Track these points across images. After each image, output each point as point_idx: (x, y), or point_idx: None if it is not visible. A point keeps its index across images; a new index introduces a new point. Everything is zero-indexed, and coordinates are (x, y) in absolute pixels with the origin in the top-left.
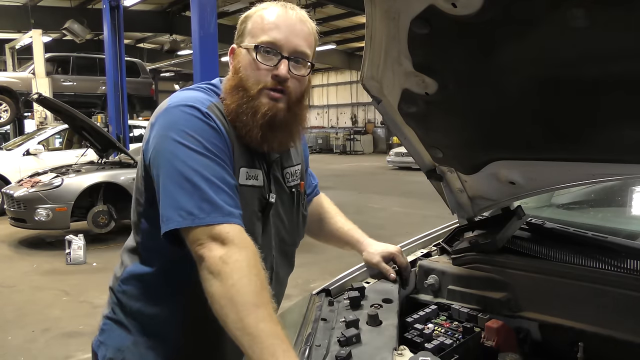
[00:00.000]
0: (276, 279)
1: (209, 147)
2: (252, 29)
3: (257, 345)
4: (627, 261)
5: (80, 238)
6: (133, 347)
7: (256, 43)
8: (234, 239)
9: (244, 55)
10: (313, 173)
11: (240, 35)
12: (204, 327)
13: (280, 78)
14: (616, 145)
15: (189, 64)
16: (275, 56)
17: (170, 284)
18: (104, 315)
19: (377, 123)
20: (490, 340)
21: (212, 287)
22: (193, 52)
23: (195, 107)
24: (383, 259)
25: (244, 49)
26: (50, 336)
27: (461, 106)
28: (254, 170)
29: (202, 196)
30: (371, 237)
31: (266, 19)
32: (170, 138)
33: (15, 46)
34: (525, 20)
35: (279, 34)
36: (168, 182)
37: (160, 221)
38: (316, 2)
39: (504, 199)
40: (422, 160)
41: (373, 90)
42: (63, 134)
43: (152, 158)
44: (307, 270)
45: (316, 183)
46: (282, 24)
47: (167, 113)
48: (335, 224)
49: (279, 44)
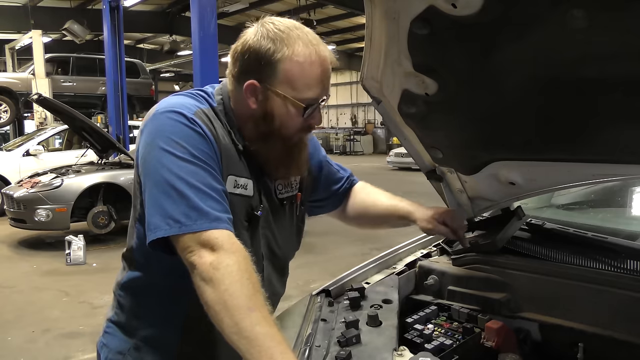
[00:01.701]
0: (269, 288)
1: (195, 154)
2: (292, 81)
3: (254, 348)
4: (627, 262)
5: (80, 239)
6: (134, 351)
7: (299, 99)
8: (223, 244)
9: (279, 105)
10: (342, 165)
11: (261, 73)
12: (202, 331)
13: (317, 126)
14: (616, 146)
15: (189, 64)
16: (313, 108)
17: (167, 288)
18: (107, 318)
19: (377, 124)
20: (490, 341)
21: (205, 293)
22: (193, 53)
23: (181, 113)
24: (436, 222)
25: (279, 98)
26: (50, 337)
27: (461, 107)
28: (244, 180)
29: (188, 203)
30: (372, 238)
31: (308, 72)
32: (156, 145)
33: (15, 47)
34: (525, 21)
35: (322, 90)
36: (154, 190)
37: (147, 229)
38: (316, 3)
39: (504, 199)
40: (422, 160)
41: (373, 91)
42: (63, 134)
43: (140, 165)
44: (307, 270)
45: (346, 175)
46: (323, 77)
47: (154, 119)
48: (380, 207)
49: (321, 97)
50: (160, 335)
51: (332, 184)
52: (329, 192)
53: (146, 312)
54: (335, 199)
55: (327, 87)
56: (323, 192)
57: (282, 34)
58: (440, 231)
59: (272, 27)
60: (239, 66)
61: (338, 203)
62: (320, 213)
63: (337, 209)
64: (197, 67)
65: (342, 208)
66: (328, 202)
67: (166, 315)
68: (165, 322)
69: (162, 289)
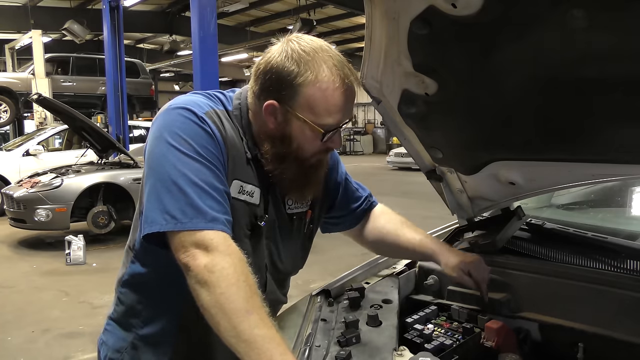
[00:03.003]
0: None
1: (200, 152)
2: (313, 106)
3: (253, 351)
4: (627, 262)
5: (80, 238)
6: (131, 349)
7: (320, 124)
8: (218, 245)
9: (298, 127)
10: (361, 184)
11: (282, 94)
12: (199, 331)
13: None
14: (616, 146)
15: (188, 64)
16: (333, 134)
17: (165, 285)
18: (107, 315)
19: (377, 123)
20: (490, 341)
21: (201, 297)
22: (193, 53)
23: (192, 110)
24: (461, 271)
25: (299, 121)
26: (50, 336)
27: (461, 106)
28: (251, 187)
29: (186, 200)
30: None
31: (330, 99)
32: (163, 139)
33: (15, 46)
34: (525, 21)
35: (343, 115)
36: (156, 183)
37: (144, 221)
38: (316, 3)
39: (504, 199)
40: (422, 160)
41: (373, 91)
42: (63, 134)
43: (146, 158)
44: (307, 270)
45: (366, 195)
46: (346, 105)
47: (165, 114)
48: (402, 238)
49: (342, 122)
50: (157, 333)
51: (350, 203)
52: (346, 210)
53: (144, 309)
54: (352, 218)
55: (350, 111)
56: (340, 209)
57: (307, 57)
58: (465, 282)
59: (298, 48)
60: (260, 84)
61: (355, 222)
62: (336, 231)
63: (353, 229)
64: (197, 67)
65: (360, 229)
66: (344, 220)
67: (163, 313)
68: (162, 320)
69: (161, 286)
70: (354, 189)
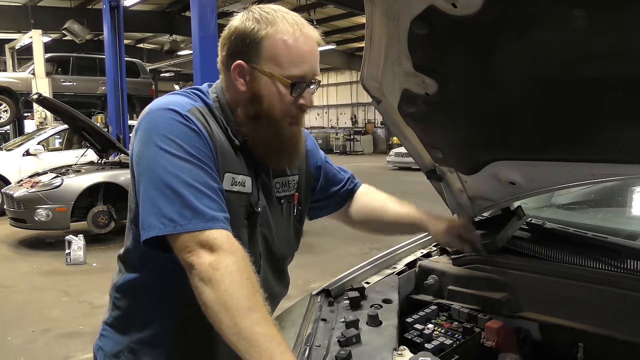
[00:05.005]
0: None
1: (190, 152)
2: (277, 57)
3: (254, 349)
4: (627, 261)
5: (80, 238)
6: (129, 353)
7: (286, 76)
8: (222, 244)
9: (266, 84)
10: (343, 167)
11: (247, 52)
12: (197, 334)
13: (307, 107)
14: (616, 146)
15: (189, 64)
16: (302, 87)
17: (162, 289)
18: (103, 321)
19: (377, 123)
20: (490, 341)
21: (204, 294)
22: (193, 53)
23: (176, 110)
24: (451, 235)
25: (265, 76)
26: (50, 336)
27: (461, 106)
28: (242, 177)
29: (183, 202)
30: (371, 238)
31: (293, 49)
32: (152, 143)
33: (15, 46)
34: (525, 21)
35: (308, 67)
36: (149, 188)
37: (141, 227)
38: (316, 2)
39: (504, 199)
40: (422, 160)
41: (373, 91)
42: (63, 134)
43: (135, 163)
44: (307, 270)
45: (347, 176)
46: (309, 55)
47: (148, 117)
48: (389, 213)
49: (308, 76)
50: (155, 337)
51: (332, 185)
52: (329, 193)
53: (141, 314)
54: (336, 201)
55: (315, 67)
56: (323, 192)
57: (267, 15)
58: (456, 245)
59: (257, 9)
60: (227, 49)
61: (339, 205)
62: (322, 215)
63: (339, 211)
64: (197, 67)
65: (346, 211)
66: (328, 203)
67: (160, 317)
68: (159, 324)
69: (157, 291)
70: (335, 172)
